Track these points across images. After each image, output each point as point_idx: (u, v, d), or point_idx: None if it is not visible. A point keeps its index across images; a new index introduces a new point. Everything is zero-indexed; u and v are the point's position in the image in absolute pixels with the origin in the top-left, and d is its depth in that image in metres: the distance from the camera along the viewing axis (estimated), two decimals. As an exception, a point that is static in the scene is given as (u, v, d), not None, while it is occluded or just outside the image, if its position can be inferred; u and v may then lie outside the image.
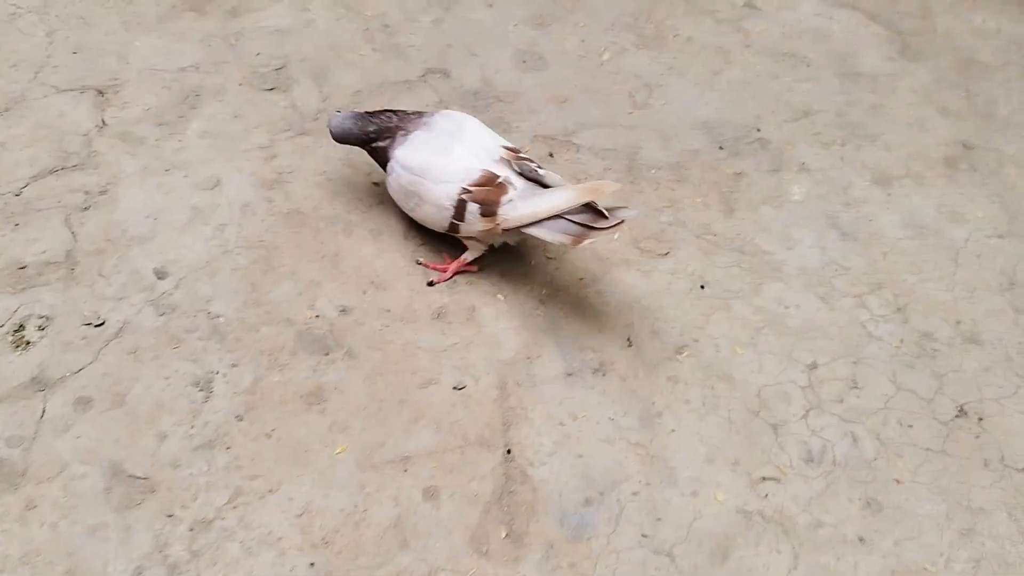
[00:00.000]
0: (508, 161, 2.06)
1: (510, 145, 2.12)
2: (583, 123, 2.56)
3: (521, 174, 2.04)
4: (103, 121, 2.53)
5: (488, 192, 2.02)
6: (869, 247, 2.26)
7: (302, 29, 2.80)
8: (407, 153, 2.12)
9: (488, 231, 2.07)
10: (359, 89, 2.63)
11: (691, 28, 2.82)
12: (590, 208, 1.95)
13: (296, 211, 2.34)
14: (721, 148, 2.49)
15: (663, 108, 2.59)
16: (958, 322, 2.12)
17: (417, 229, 2.29)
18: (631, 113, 2.58)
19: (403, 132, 2.15)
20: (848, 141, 2.50)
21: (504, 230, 2.04)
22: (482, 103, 2.60)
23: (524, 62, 2.72)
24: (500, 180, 2.02)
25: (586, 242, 1.95)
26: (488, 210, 2.03)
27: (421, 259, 2.22)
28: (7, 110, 2.55)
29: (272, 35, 2.77)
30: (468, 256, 2.18)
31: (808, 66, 2.71)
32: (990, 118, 2.57)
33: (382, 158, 2.19)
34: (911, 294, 2.17)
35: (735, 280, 2.20)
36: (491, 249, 2.19)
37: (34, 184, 2.37)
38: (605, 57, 2.73)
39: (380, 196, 2.37)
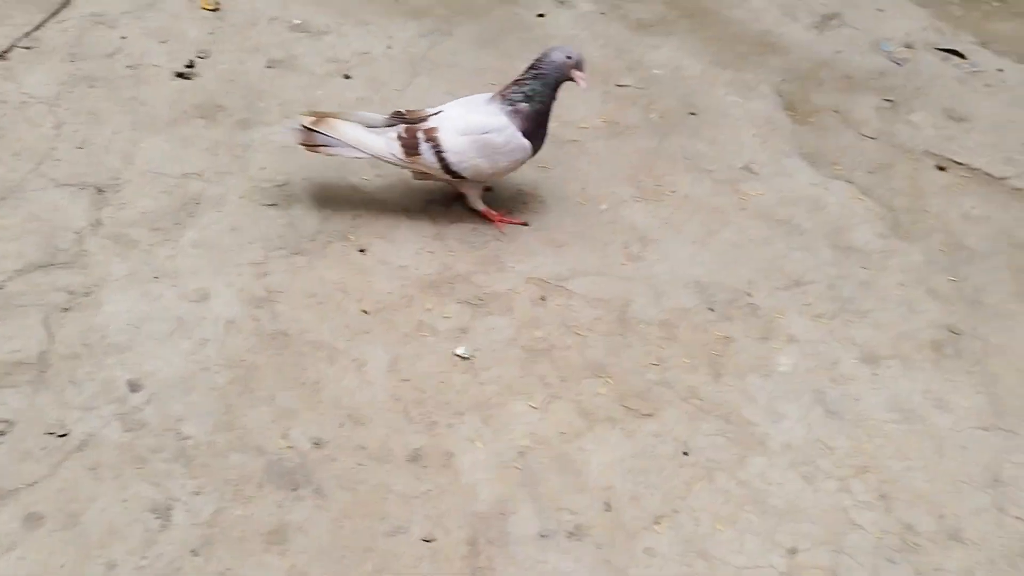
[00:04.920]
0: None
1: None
2: (577, 270, 2.57)
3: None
4: (98, 220, 2.51)
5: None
6: (855, 428, 2.25)
7: (309, 147, 2.83)
8: None
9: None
10: (359, 213, 2.64)
11: (689, 186, 2.87)
12: None
13: (282, 333, 2.30)
14: (712, 310, 2.50)
15: (656, 263, 2.61)
16: (941, 516, 2.09)
17: (405, 361, 2.26)
18: (625, 265, 2.60)
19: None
20: (838, 315, 2.52)
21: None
22: (479, 239, 2.61)
23: (524, 203, 2.76)
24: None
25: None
26: None
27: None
28: (2, 199, 2.53)
29: (280, 150, 2.80)
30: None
31: (802, 235, 2.76)
32: (977, 305, 2.61)
33: None
34: (895, 482, 2.14)
35: (719, 450, 2.17)
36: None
37: (18, 278, 2.34)
38: (603, 207, 2.76)
39: (369, 324, 2.35)
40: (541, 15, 3.54)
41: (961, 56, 3.63)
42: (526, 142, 2.48)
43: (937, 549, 2.02)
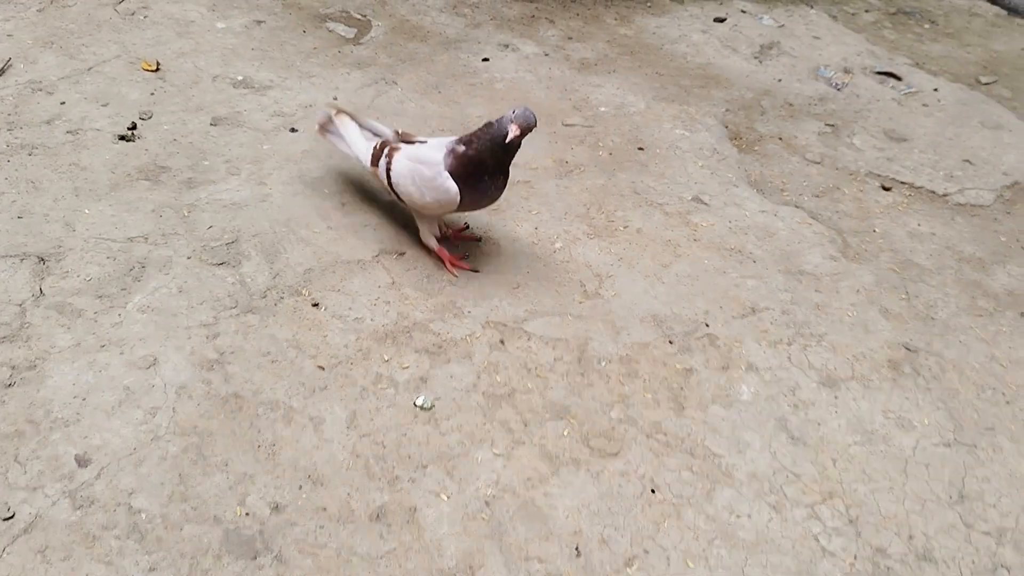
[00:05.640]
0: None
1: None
2: (535, 311, 2.55)
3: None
4: (40, 290, 2.45)
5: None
6: (819, 453, 2.24)
7: (257, 203, 2.80)
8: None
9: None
10: (311, 267, 2.60)
11: (641, 219, 2.89)
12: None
13: (235, 395, 2.24)
14: (671, 343, 2.49)
15: (613, 299, 2.61)
16: (911, 537, 2.08)
17: (364, 416, 2.22)
18: (581, 303, 2.59)
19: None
20: (794, 340, 2.53)
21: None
22: (435, 286, 2.59)
23: (477, 246, 2.74)
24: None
25: None
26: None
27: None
28: (-61, 275, 2.46)
29: (226, 208, 2.76)
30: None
31: (754, 262, 2.78)
32: (930, 321, 2.64)
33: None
34: (862, 505, 2.14)
35: (686, 485, 2.15)
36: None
37: (-43, 357, 2.26)
38: (557, 245, 2.76)
39: (325, 380, 2.30)
40: (486, 59, 3.56)
41: (897, 78, 3.73)
42: (451, 184, 2.45)
43: (908, 570, 2.01)
